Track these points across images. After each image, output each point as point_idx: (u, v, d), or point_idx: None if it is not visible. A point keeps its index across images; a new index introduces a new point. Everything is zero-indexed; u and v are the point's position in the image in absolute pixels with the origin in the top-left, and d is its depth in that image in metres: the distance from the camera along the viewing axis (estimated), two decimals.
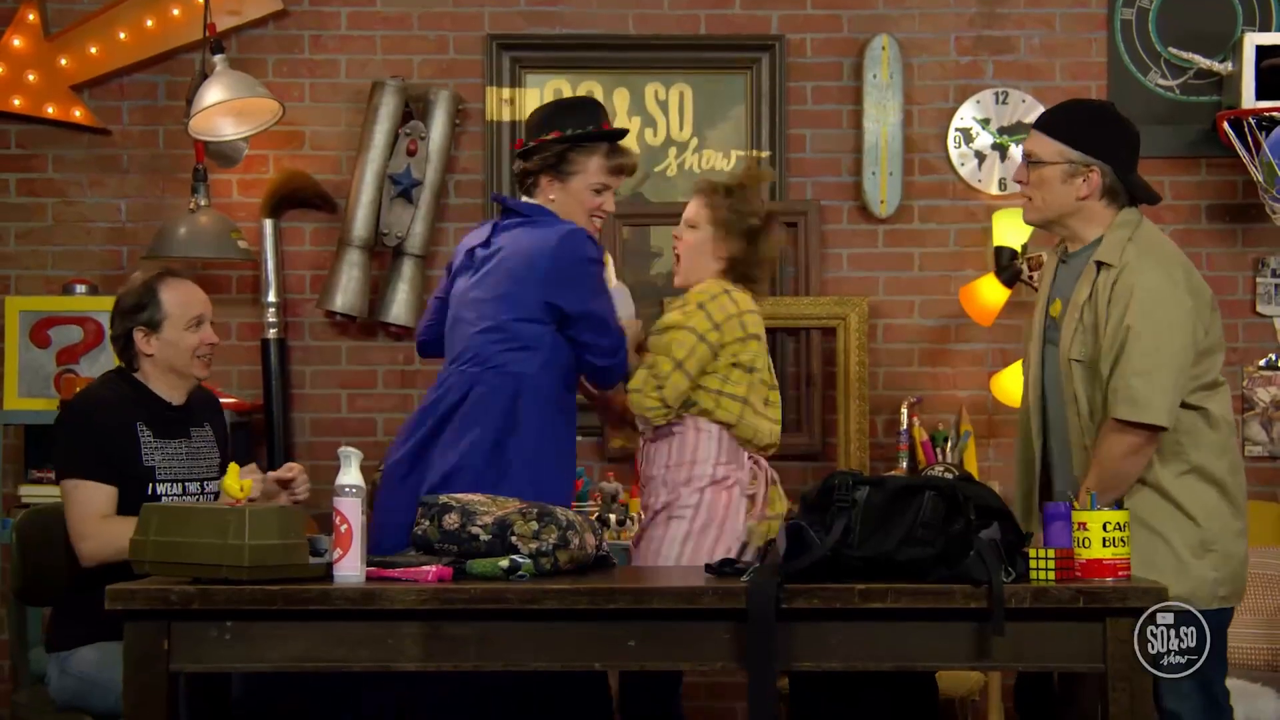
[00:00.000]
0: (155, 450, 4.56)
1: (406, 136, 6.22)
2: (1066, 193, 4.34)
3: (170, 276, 4.70)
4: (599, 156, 4.64)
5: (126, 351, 4.65)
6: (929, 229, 6.35)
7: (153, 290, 4.63)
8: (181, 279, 4.72)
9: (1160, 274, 4.22)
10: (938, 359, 6.34)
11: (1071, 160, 4.33)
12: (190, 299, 4.67)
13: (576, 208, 4.63)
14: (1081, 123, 4.39)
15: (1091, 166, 4.32)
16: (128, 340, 4.63)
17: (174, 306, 4.61)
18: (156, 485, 4.55)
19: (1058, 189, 4.34)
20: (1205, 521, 4.22)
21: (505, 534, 3.89)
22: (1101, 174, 4.32)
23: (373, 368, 6.31)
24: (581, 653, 3.72)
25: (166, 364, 4.62)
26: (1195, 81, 6.32)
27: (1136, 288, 4.18)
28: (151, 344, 4.61)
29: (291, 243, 6.32)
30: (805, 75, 6.37)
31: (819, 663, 3.73)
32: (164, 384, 4.65)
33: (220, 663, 3.75)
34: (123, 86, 6.36)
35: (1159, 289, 4.19)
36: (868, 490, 3.78)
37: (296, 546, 3.78)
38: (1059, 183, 4.34)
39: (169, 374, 4.64)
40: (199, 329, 4.65)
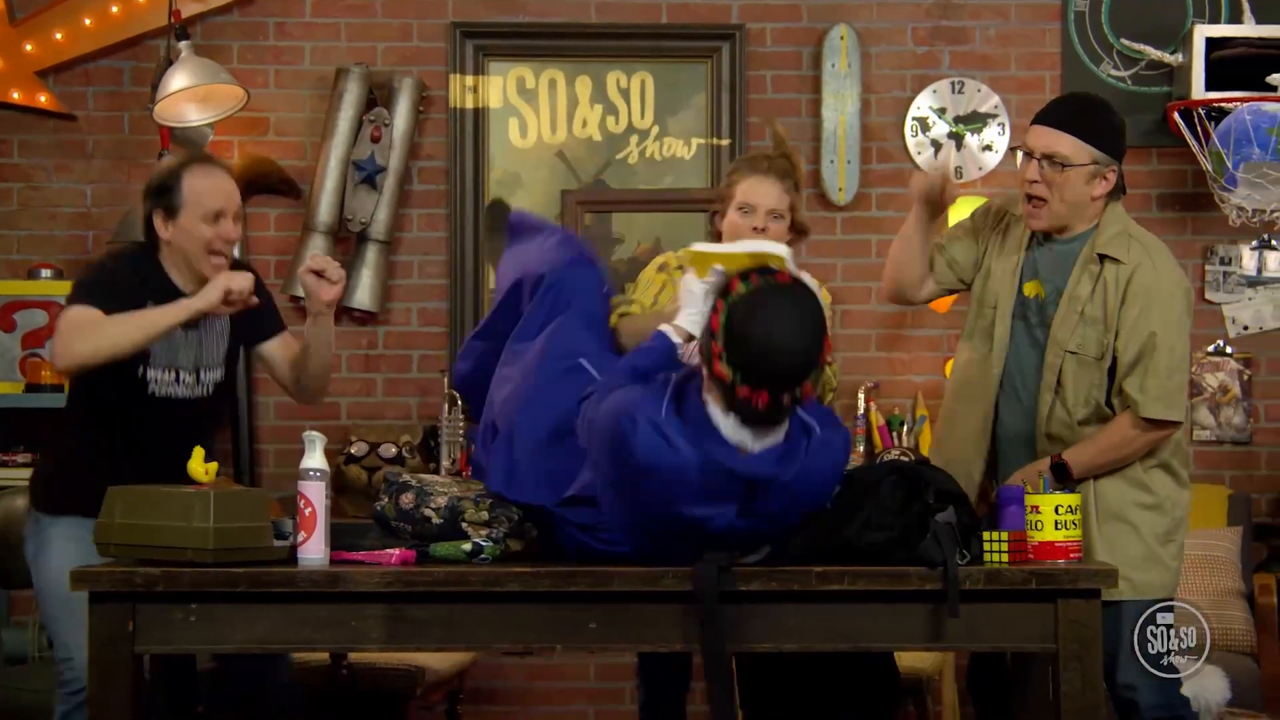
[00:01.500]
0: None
1: (370, 123, 6.26)
2: (1086, 193, 4.25)
3: (200, 164, 4.48)
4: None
5: (150, 233, 4.44)
6: (886, 216, 6.42)
7: (177, 175, 4.40)
8: (212, 167, 4.49)
9: (1175, 277, 4.22)
10: (894, 344, 6.41)
11: (1098, 161, 4.23)
12: (213, 189, 4.41)
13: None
14: (1101, 120, 4.30)
15: (1113, 166, 4.26)
16: (149, 222, 4.43)
17: (193, 194, 4.37)
18: (148, 370, 4.36)
19: (1080, 190, 4.24)
20: (1170, 511, 4.26)
21: (456, 519, 3.93)
22: (1118, 173, 4.28)
23: (336, 352, 6.30)
24: (543, 634, 3.77)
25: (181, 251, 4.40)
26: (1146, 72, 6.40)
27: (1156, 290, 4.16)
28: (168, 230, 4.39)
29: (256, 228, 6.34)
30: (765, 64, 6.43)
31: (777, 644, 3.79)
32: (179, 273, 4.43)
33: (185, 645, 3.78)
34: (88, 72, 6.38)
35: (1175, 292, 4.19)
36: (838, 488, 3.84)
37: (261, 529, 3.81)
38: (1083, 183, 4.24)
39: (182, 261, 4.41)
40: (216, 223, 4.39)
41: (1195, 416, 6.36)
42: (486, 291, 6.32)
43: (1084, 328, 4.21)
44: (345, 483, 5.95)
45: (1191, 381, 6.36)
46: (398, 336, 6.39)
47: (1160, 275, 4.19)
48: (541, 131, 6.39)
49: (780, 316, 3.57)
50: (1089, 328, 4.21)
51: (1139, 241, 4.26)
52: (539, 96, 6.40)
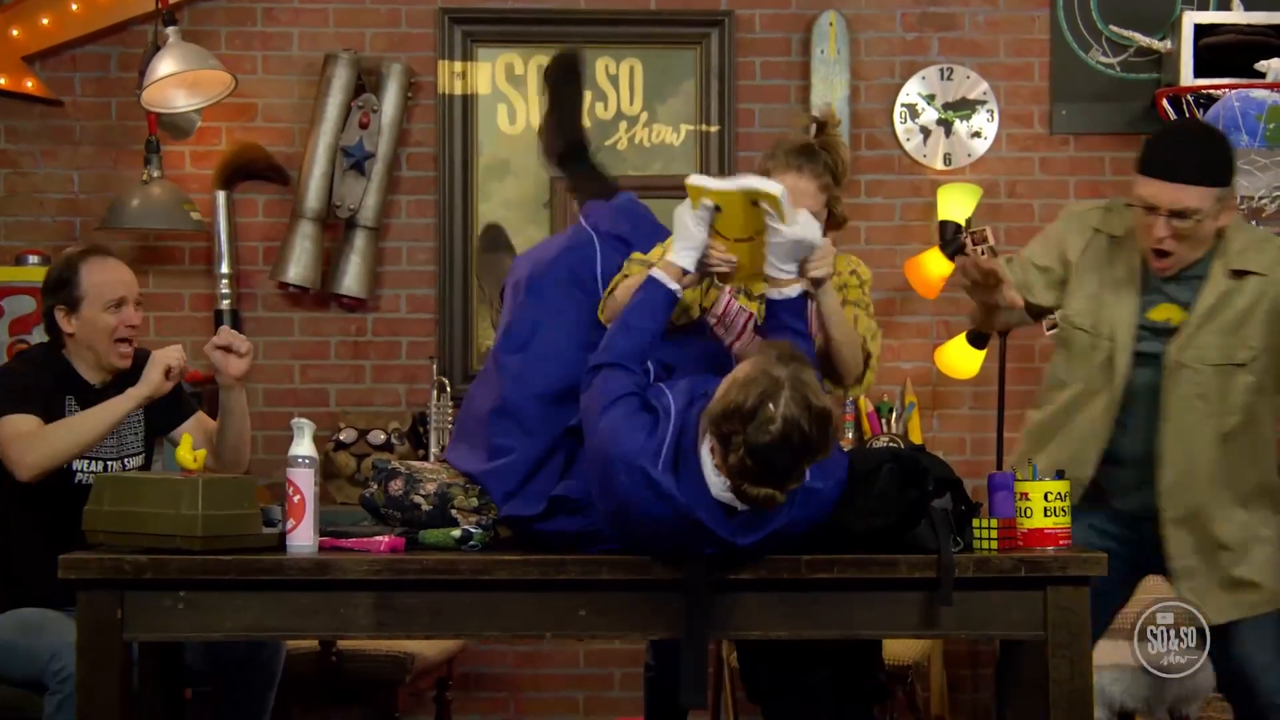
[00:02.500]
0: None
1: (359, 109, 6.24)
2: (1214, 228, 4.13)
3: (94, 255, 4.60)
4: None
5: (52, 329, 4.56)
6: (875, 203, 6.42)
7: (74, 267, 4.52)
8: (106, 258, 4.61)
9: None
10: (883, 332, 6.39)
11: (1221, 197, 4.10)
12: (111, 279, 4.54)
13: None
14: (1216, 155, 4.16)
15: (1233, 191, 4.18)
16: (51, 318, 4.54)
17: (93, 286, 4.49)
18: (73, 462, 4.43)
19: (1209, 229, 4.12)
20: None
21: (445, 506, 3.93)
22: (1235, 196, 4.19)
23: (325, 339, 6.34)
24: (532, 622, 3.78)
25: (86, 344, 4.51)
26: (1135, 59, 6.40)
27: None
28: (71, 323, 4.50)
29: (244, 214, 6.33)
30: (754, 50, 6.42)
31: (766, 632, 3.80)
32: (85, 364, 4.54)
33: (174, 632, 3.80)
34: (75, 58, 6.35)
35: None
36: None
37: (249, 516, 3.82)
38: (1212, 223, 4.11)
39: (89, 354, 4.52)
40: (119, 311, 4.51)
41: None
42: (474, 279, 6.31)
43: (1204, 337, 4.13)
44: (334, 470, 5.95)
45: None
46: (386, 323, 6.38)
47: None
48: (530, 118, 6.37)
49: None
50: (1211, 336, 4.13)
51: (1271, 244, 4.19)
52: (528, 83, 6.39)
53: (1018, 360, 6.28)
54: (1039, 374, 6.32)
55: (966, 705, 6.28)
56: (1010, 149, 6.41)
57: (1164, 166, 4.11)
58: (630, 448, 3.61)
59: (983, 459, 6.22)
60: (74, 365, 4.55)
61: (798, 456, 3.50)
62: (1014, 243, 6.32)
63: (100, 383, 4.57)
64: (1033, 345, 6.33)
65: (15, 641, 4.39)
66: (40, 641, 4.31)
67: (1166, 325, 4.19)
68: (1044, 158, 6.42)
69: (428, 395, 6.11)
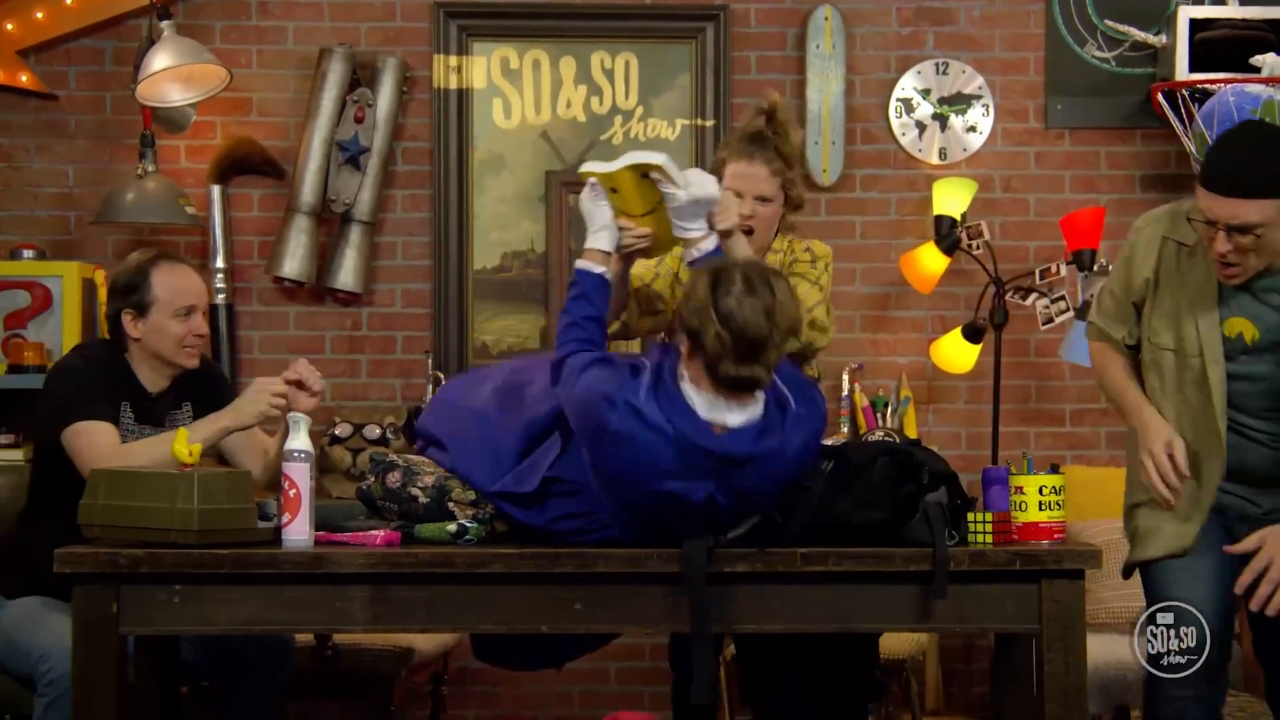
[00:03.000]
0: (131, 434, 4.46)
1: (354, 104, 6.24)
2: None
3: (165, 260, 4.57)
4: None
5: (115, 332, 4.53)
6: (870, 198, 6.42)
7: (145, 273, 4.49)
8: (176, 264, 4.59)
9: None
10: (879, 326, 6.41)
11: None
12: (183, 286, 4.52)
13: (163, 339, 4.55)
14: (1276, 168, 3.91)
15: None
16: (116, 321, 4.51)
17: (164, 292, 4.47)
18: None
19: (1275, 239, 3.90)
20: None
21: (443, 499, 3.93)
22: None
23: (320, 333, 6.34)
24: (528, 616, 3.78)
25: (152, 350, 4.49)
26: (1130, 54, 6.40)
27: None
28: (138, 328, 4.48)
29: (239, 209, 6.33)
30: (749, 45, 6.42)
31: (761, 625, 3.80)
32: (147, 369, 4.53)
33: (169, 626, 3.80)
34: (69, 52, 6.35)
35: None
36: (830, 464, 3.84)
37: (245, 511, 3.82)
38: (1278, 234, 3.90)
39: (153, 359, 4.51)
40: (188, 319, 4.51)
41: None
42: (470, 272, 6.32)
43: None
44: (329, 464, 5.95)
45: None
46: (382, 318, 6.38)
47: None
48: (526, 112, 6.38)
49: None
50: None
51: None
52: (523, 77, 6.39)
53: (1013, 355, 6.29)
54: (1034, 368, 6.36)
55: (962, 699, 6.28)
56: (1006, 143, 6.41)
57: (1221, 180, 3.90)
58: (613, 387, 3.70)
59: (978, 453, 6.23)
60: (134, 370, 4.53)
61: (768, 316, 3.62)
62: (1009, 238, 6.34)
63: (158, 391, 4.55)
64: (1028, 340, 6.33)
65: (13, 635, 4.40)
66: (33, 640, 4.30)
67: (1239, 341, 4.04)
68: (1039, 152, 6.42)
69: (423, 390, 6.11)
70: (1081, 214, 6.05)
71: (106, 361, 4.54)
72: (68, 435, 4.36)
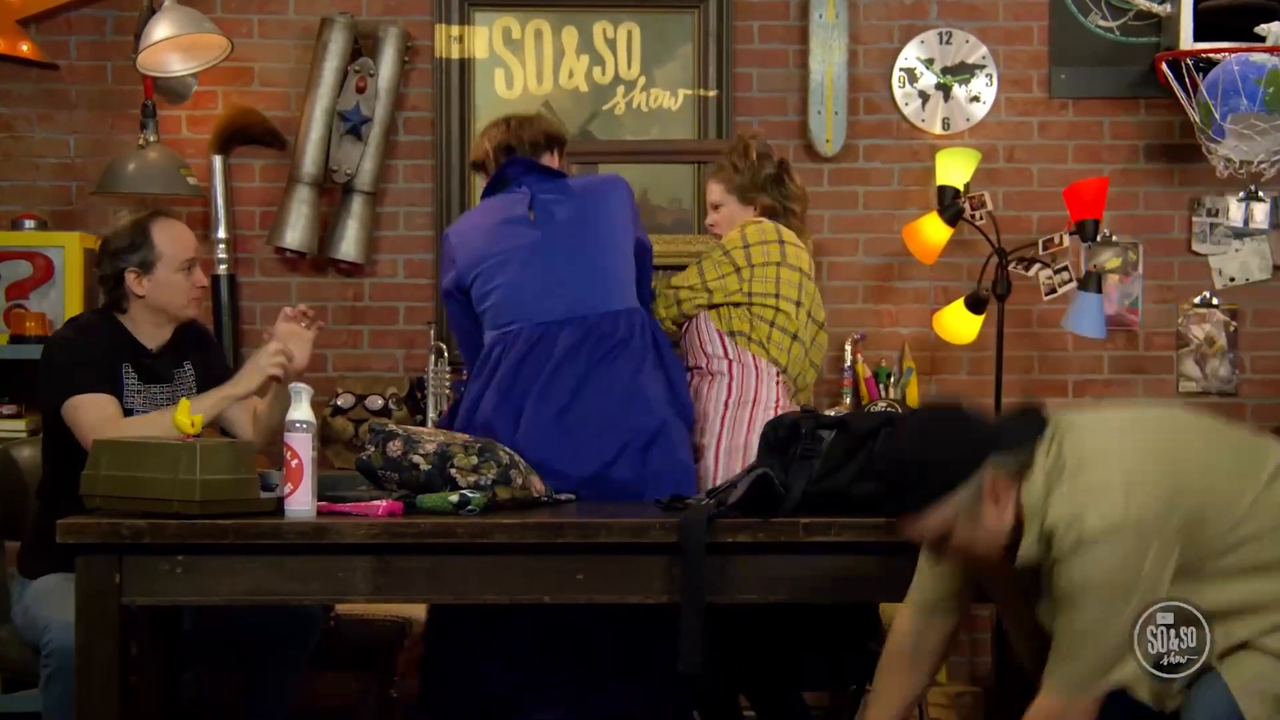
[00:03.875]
0: (136, 394, 4.52)
1: (355, 73, 6.22)
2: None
3: (162, 216, 4.66)
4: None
5: (115, 292, 4.59)
6: (873, 168, 6.41)
7: (145, 230, 4.58)
8: (172, 219, 4.68)
9: None
10: (881, 296, 6.40)
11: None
12: (184, 240, 4.63)
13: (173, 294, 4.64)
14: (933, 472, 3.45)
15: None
16: (118, 281, 4.57)
17: (168, 247, 4.57)
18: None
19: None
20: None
21: (445, 465, 3.94)
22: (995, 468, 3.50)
23: (323, 303, 6.32)
24: (530, 586, 3.79)
25: (158, 306, 4.57)
26: (1135, 23, 6.38)
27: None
28: (144, 285, 4.55)
29: (241, 179, 6.32)
30: (752, 14, 6.39)
31: (763, 595, 3.81)
32: (149, 326, 4.59)
33: (172, 596, 3.80)
34: (70, 21, 6.33)
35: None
36: (833, 434, 3.85)
37: (248, 481, 3.82)
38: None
39: (158, 315, 4.59)
40: (190, 273, 4.61)
41: (1181, 368, 6.37)
42: None
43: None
44: (331, 434, 5.95)
45: (1177, 333, 6.38)
46: (384, 288, 6.37)
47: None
48: (528, 82, 6.36)
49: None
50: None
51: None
52: (525, 47, 6.37)
53: (1016, 326, 6.28)
54: (1037, 339, 6.35)
55: (965, 669, 6.29)
56: (1009, 113, 6.40)
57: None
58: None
59: None
60: (133, 331, 4.59)
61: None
62: (1013, 208, 6.33)
63: (158, 346, 4.62)
64: (1031, 310, 6.33)
65: (30, 610, 4.45)
66: (44, 609, 4.33)
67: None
68: (1043, 122, 6.40)
69: (425, 360, 6.10)
70: (1085, 184, 6.03)
71: (100, 328, 4.58)
72: (67, 409, 4.39)
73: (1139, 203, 6.36)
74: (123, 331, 4.59)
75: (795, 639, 4.62)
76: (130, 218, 4.65)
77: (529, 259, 4.55)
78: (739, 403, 4.74)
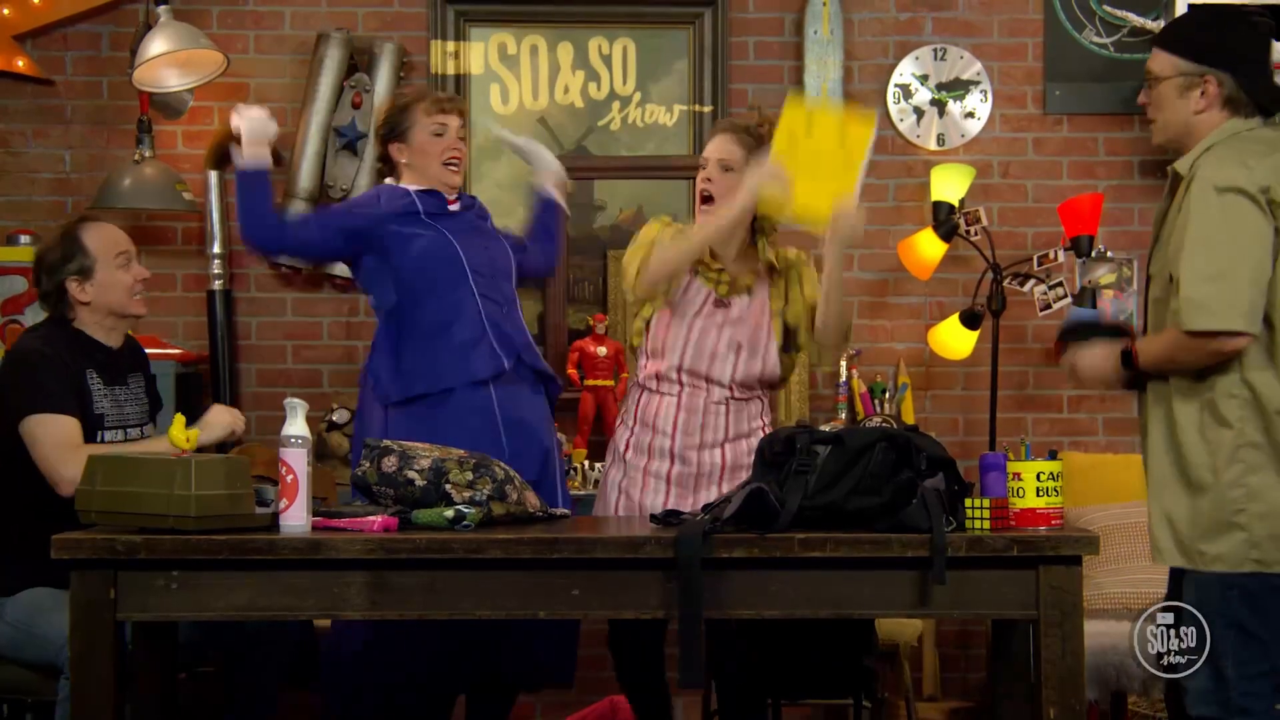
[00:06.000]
0: (104, 397, 4.56)
1: (351, 89, 6.23)
2: (1183, 108, 3.91)
3: (88, 221, 4.71)
4: (421, 104, 4.84)
5: (60, 305, 4.63)
6: (868, 183, 6.36)
7: (75, 238, 4.62)
8: (99, 222, 4.74)
9: (1221, 174, 3.78)
10: (876, 312, 6.41)
11: (1185, 72, 3.90)
12: (115, 237, 4.68)
13: (427, 160, 4.82)
14: (1196, 29, 4.00)
15: (1207, 76, 3.88)
16: (60, 293, 4.61)
17: (99, 248, 4.61)
18: (105, 433, 4.55)
19: (1175, 104, 3.91)
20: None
21: (440, 481, 3.93)
22: (1219, 83, 3.88)
23: (318, 319, 6.33)
24: (526, 601, 3.78)
25: (105, 308, 4.62)
26: (1129, 39, 6.39)
27: (1197, 189, 3.79)
28: (87, 291, 4.60)
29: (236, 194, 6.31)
30: (747, 30, 6.41)
31: (759, 610, 3.80)
32: (102, 329, 4.64)
33: (167, 612, 3.79)
34: (66, 37, 6.33)
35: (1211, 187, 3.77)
36: (828, 449, 3.85)
37: (243, 496, 3.82)
38: (1175, 98, 3.91)
39: (108, 318, 4.64)
40: (129, 267, 4.66)
41: None
42: None
43: (1161, 252, 3.92)
44: (327, 450, 5.94)
45: None
46: None
47: (1205, 175, 3.79)
48: (523, 98, 6.37)
49: None
50: (1163, 250, 3.91)
51: (1213, 151, 3.85)
52: (521, 63, 6.38)
53: (1011, 341, 6.28)
54: (1032, 355, 6.36)
55: (959, 685, 6.29)
56: (1004, 129, 6.41)
57: (1157, 34, 4.19)
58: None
59: (975, 439, 6.23)
60: (88, 333, 4.64)
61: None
62: (1007, 224, 6.34)
63: (117, 345, 4.68)
64: (1025, 326, 6.33)
65: (28, 625, 4.43)
66: (54, 624, 4.32)
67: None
68: (1038, 138, 6.41)
69: None
70: (1079, 200, 6.05)
71: (60, 336, 4.62)
72: (27, 425, 4.44)
73: (1134, 218, 6.37)
74: (80, 335, 4.63)
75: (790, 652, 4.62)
76: (60, 230, 4.71)
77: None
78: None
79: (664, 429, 4.62)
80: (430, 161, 4.79)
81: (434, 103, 4.84)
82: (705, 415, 4.60)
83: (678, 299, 4.65)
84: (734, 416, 4.62)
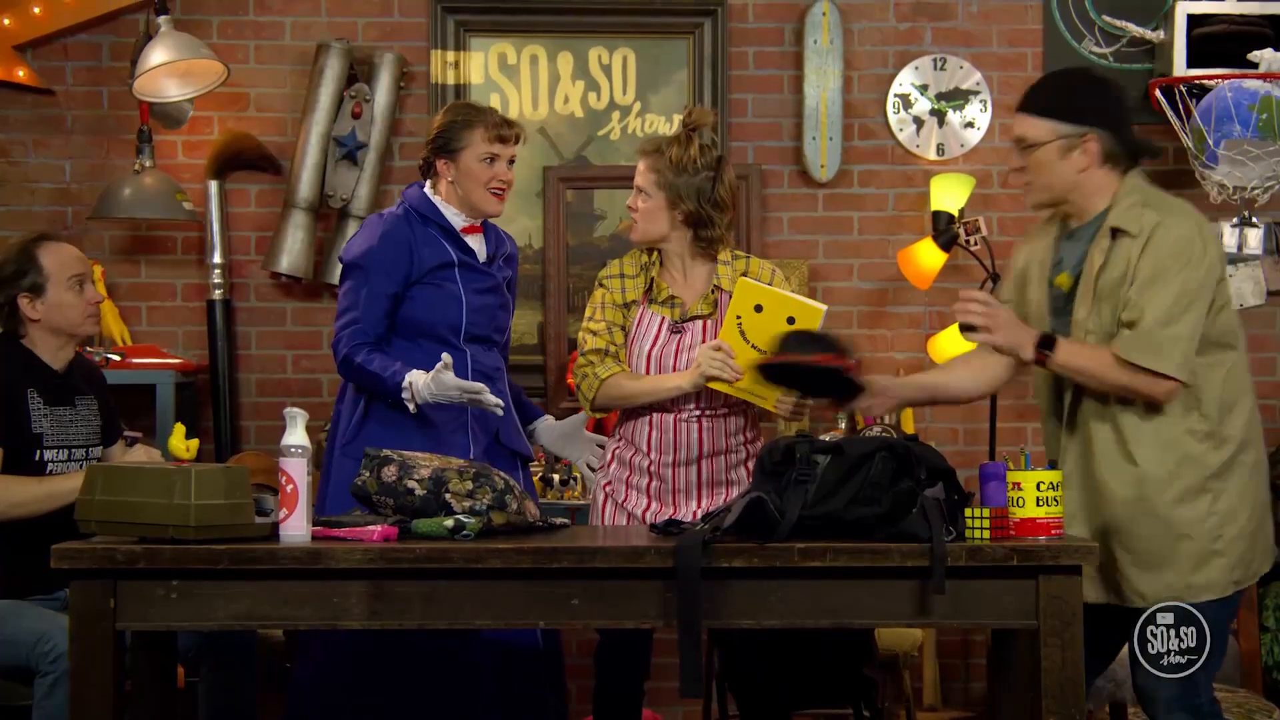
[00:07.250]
0: (44, 417, 4.56)
1: (351, 99, 6.24)
2: (1066, 168, 4.09)
3: (46, 240, 4.72)
4: (481, 128, 4.75)
5: (11, 319, 4.64)
6: (868, 193, 6.42)
7: (30, 255, 4.64)
8: (57, 241, 4.75)
9: (1191, 232, 4.02)
10: (876, 321, 6.41)
11: (1064, 135, 4.08)
12: (70, 259, 4.68)
13: (471, 184, 4.77)
14: (1065, 93, 4.16)
15: (1087, 135, 4.08)
16: (12, 308, 4.62)
17: (54, 267, 4.62)
18: (44, 451, 4.56)
19: (1057, 166, 4.09)
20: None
21: (440, 490, 3.93)
22: (1099, 140, 4.08)
23: (317, 329, 6.34)
24: (526, 611, 3.78)
25: (54, 327, 4.63)
26: (1128, 49, 6.40)
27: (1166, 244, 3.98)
28: (37, 308, 4.61)
29: (236, 204, 6.33)
30: (747, 40, 6.41)
31: (758, 620, 3.80)
32: (49, 348, 4.65)
33: (166, 621, 3.78)
34: (66, 47, 6.34)
35: (1186, 245, 3.99)
36: (828, 459, 3.85)
37: (242, 506, 3.81)
38: (1057, 160, 4.09)
39: (57, 337, 4.64)
40: (82, 290, 4.66)
41: None
42: None
43: (1099, 304, 4.06)
44: None
45: None
46: None
47: (1173, 232, 4.00)
48: (523, 107, 6.38)
49: None
50: (1103, 303, 4.05)
51: (1155, 209, 4.07)
52: (521, 72, 6.38)
53: None
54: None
55: (959, 694, 6.29)
56: (1003, 139, 6.41)
57: (1020, 101, 4.23)
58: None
59: (975, 449, 6.24)
60: (35, 353, 4.64)
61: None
62: (1007, 233, 6.34)
63: (62, 367, 4.68)
64: None
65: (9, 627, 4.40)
66: (21, 626, 4.33)
67: (1063, 291, 4.18)
68: None
69: None
70: None
71: (4, 355, 4.62)
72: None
73: None
74: (26, 353, 4.64)
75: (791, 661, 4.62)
76: (16, 244, 4.72)
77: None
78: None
79: (640, 445, 4.63)
80: (474, 187, 4.76)
81: (494, 129, 4.75)
82: (677, 433, 4.60)
83: (633, 331, 4.69)
84: (708, 433, 4.60)
